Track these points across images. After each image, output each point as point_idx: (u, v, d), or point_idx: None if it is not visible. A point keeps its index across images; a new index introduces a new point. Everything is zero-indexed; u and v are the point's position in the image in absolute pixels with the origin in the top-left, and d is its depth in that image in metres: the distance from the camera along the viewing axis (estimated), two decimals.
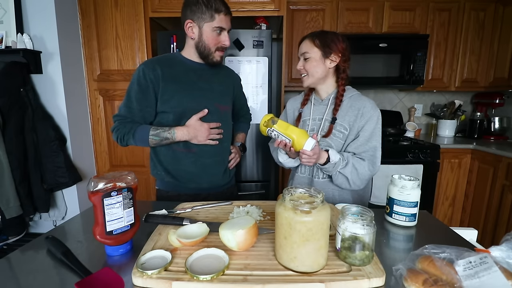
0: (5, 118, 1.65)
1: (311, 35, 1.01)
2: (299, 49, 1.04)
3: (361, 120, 0.99)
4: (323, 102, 1.07)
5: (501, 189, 1.87)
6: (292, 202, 0.54)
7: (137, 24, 1.97)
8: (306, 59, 1.01)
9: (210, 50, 1.05)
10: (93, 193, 0.59)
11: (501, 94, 2.34)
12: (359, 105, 1.01)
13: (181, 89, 1.05)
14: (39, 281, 0.55)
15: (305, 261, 0.53)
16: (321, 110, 1.06)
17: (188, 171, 1.10)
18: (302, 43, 1.03)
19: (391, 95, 2.63)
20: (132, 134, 1.02)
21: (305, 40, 1.02)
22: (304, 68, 1.02)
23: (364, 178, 0.97)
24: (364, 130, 0.98)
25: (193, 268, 0.54)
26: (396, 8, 2.18)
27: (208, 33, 1.02)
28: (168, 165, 1.11)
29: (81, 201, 2.00)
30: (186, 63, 1.09)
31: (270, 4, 1.92)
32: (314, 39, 1.00)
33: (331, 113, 1.03)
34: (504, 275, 0.48)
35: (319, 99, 1.08)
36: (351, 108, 1.01)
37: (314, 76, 1.02)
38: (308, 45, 1.00)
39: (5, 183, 1.62)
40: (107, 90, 2.07)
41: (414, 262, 0.54)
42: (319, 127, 1.04)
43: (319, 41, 0.99)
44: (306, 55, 1.00)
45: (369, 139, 0.98)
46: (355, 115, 1.00)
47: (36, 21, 1.79)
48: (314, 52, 0.99)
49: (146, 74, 1.02)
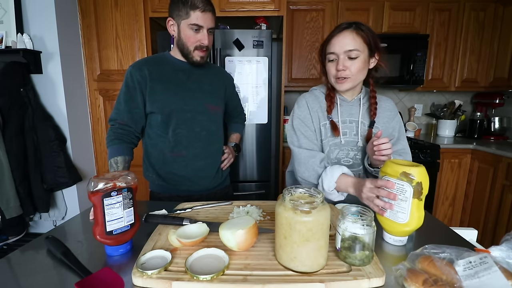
0: (5, 118, 1.65)
1: (357, 27, 0.83)
2: (338, 43, 0.84)
3: (393, 121, 0.97)
4: (351, 102, 0.96)
5: (501, 189, 1.87)
6: (292, 202, 0.54)
7: (137, 24, 1.97)
8: (352, 58, 0.84)
9: (189, 49, 1.01)
10: (93, 193, 0.59)
11: (501, 94, 2.34)
12: (388, 106, 0.97)
13: (169, 89, 1.03)
14: (39, 281, 0.55)
15: (305, 261, 0.53)
16: (350, 112, 0.96)
17: (179, 174, 1.09)
18: (345, 37, 0.83)
19: (391, 95, 2.63)
20: (108, 144, 1.01)
21: (351, 33, 0.83)
22: (349, 70, 0.85)
23: None
24: (396, 130, 0.97)
25: (193, 268, 0.54)
26: (396, 8, 2.18)
27: (185, 31, 0.99)
28: (159, 168, 1.09)
29: (81, 201, 2.00)
30: (175, 62, 1.07)
31: (270, 4, 1.92)
32: (361, 33, 0.83)
33: (367, 115, 0.96)
34: (504, 275, 0.48)
35: (345, 100, 0.97)
36: (381, 109, 0.96)
37: (358, 79, 0.88)
38: (358, 41, 0.83)
39: (5, 183, 1.62)
40: (107, 90, 2.07)
41: (414, 262, 0.54)
42: (352, 130, 0.96)
43: (368, 37, 0.83)
44: (354, 53, 0.83)
45: (399, 137, 0.97)
46: (388, 116, 0.96)
47: (36, 21, 1.79)
48: (364, 50, 0.84)
49: (133, 75, 1.01)
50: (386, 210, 0.66)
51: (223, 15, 1.94)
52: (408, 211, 0.63)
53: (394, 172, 0.64)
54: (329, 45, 0.88)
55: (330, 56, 0.88)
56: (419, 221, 0.64)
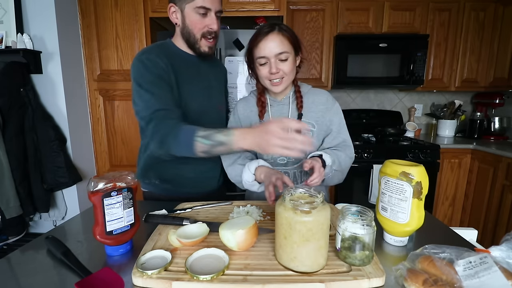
0: (5, 118, 1.65)
1: (280, 29, 0.86)
2: (265, 48, 0.85)
3: (328, 114, 0.96)
4: (282, 102, 0.98)
5: (501, 189, 1.87)
6: (292, 202, 0.54)
7: (137, 24, 1.97)
8: (282, 60, 0.87)
9: (195, 37, 0.91)
10: (93, 193, 0.59)
11: (501, 94, 2.34)
12: (321, 99, 0.97)
13: (183, 86, 0.93)
14: (39, 281, 0.55)
15: (305, 261, 0.53)
16: (281, 111, 0.97)
17: (186, 177, 1.03)
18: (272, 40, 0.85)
19: (391, 95, 2.63)
20: (174, 135, 0.77)
21: (278, 35, 0.85)
22: (282, 71, 0.87)
23: (347, 167, 0.95)
24: (333, 123, 0.96)
25: (193, 268, 0.54)
26: (396, 8, 2.18)
27: (191, 16, 0.88)
28: (163, 171, 1.02)
29: (81, 201, 2.00)
30: (181, 54, 0.97)
31: (270, 4, 1.92)
32: (286, 34, 0.86)
33: (296, 111, 0.96)
34: (504, 275, 0.48)
35: (275, 100, 0.98)
36: (313, 103, 0.96)
37: (290, 79, 0.91)
38: (285, 42, 0.86)
39: (5, 183, 1.62)
40: (107, 90, 2.07)
41: (414, 262, 0.54)
42: None
43: (292, 38, 0.87)
44: (284, 55, 0.86)
45: (339, 130, 0.97)
46: (321, 110, 0.96)
47: (36, 21, 1.79)
48: (291, 50, 0.87)
49: (156, 61, 0.88)
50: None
51: (223, 15, 1.93)
52: (408, 211, 0.63)
53: (393, 172, 0.64)
54: (257, 49, 0.88)
55: (261, 60, 0.88)
56: (420, 221, 0.64)
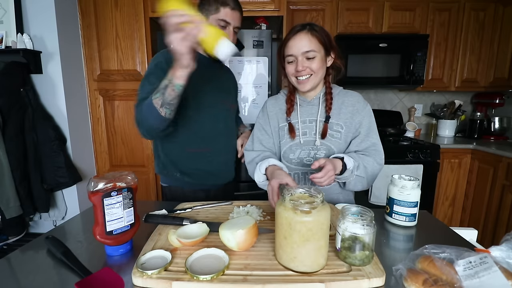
0: (5, 118, 1.65)
1: (311, 29, 0.89)
2: (295, 46, 0.89)
3: (358, 116, 0.95)
4: (311, 102, 0.99)
5: (501, 189, 1.87)
6: (292, 202, 0.54)
7: (137, 24, 1.97)
8: (310, 59, 0.89)
9: None
10: (93, 193, 0.59)
11: (501, 94, 2.34)
12: (351, 100, 0.96)
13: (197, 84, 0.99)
14: (39, 281, 0.55)
15: (305, 261, 0.53)
16: (310, 111, 0.98)
17: (205, 170, 1.11)
18: (301, 39, 0.88)
19: (391, 95, 2.63)
20: (141, 109, 0.87)
21: (306, 34, 0.88)
22: (309, 69, 0.89)
23: (375, 174, 0.92)
24: (363, 126, 0.95)
25: (193, 268, 0.54)
26: (396, 8, 2.18)
27: None
28: (182, 166, 1.09)
29: (81, 201, 2.00)
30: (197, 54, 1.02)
31: (270, 4, 1.92)
32: (315, 34, 0.88)
33: (324, 113, 0.96)
34: (504, 275, 0.48)
35: (305, 100, 0.99)
36: (343, 104, 0.96)
37: (318, 77, 0.92)
38: (313, 41, 0.88)
39: (5, 183, 1.62)
40: (107, 90, 2.07)
41: (414, 262, 0.54)
42: (312, 129, 0.97)
43: (322, 38, 0.89)
44: (311, 53, 0.88)
45: (368, 133, 0.95)
46: (350, 112, 0.95)
47: (36, 21, 1.78)
48: (320, 50, 0.89)
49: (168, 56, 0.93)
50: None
51: None
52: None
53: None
54: (286, 48, 0.92)
55: (289, 58, 0.92)
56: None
